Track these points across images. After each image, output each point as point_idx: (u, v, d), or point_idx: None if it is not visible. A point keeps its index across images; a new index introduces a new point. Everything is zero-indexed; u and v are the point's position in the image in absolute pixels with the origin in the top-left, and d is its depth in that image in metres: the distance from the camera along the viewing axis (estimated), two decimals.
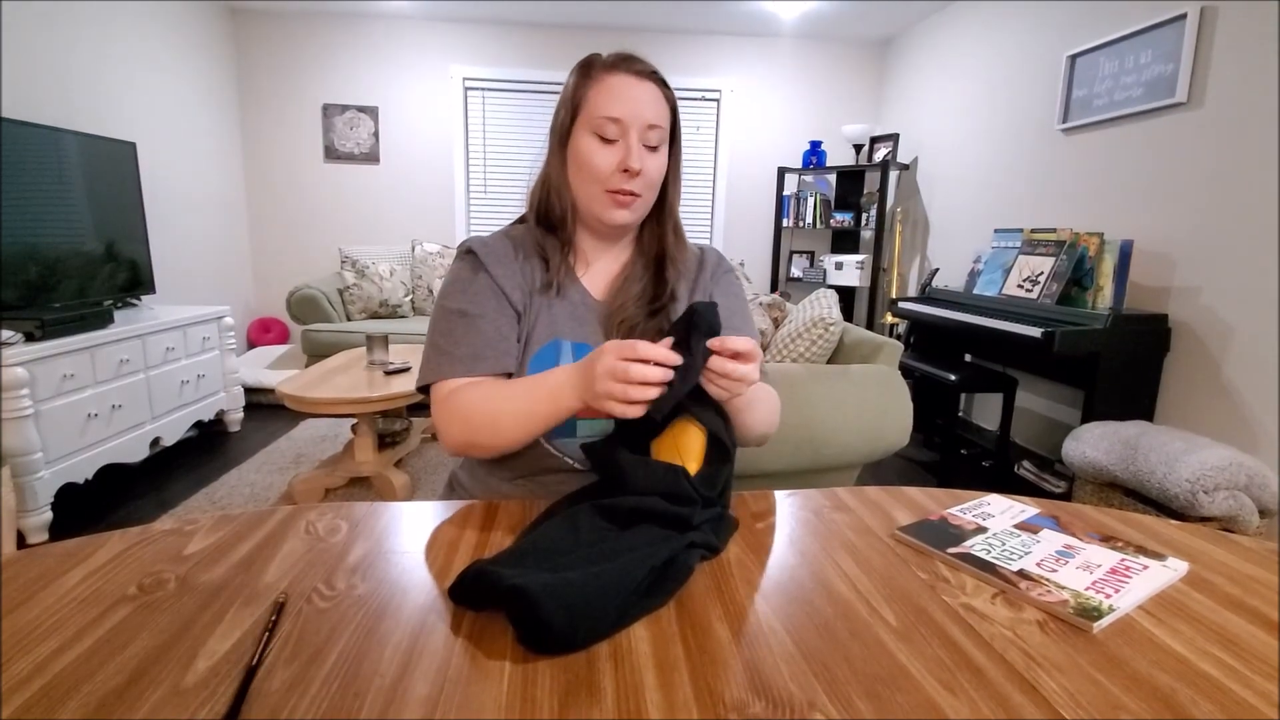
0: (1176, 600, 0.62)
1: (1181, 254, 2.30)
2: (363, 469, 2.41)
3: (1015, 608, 0.60)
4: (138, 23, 3.31)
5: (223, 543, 0.68)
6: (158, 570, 0.62)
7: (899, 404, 1.86)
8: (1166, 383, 2.35)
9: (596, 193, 0.85)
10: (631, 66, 0.84)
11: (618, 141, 0.83)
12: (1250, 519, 1.85)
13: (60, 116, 2.78)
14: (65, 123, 2.78)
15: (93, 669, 0.48)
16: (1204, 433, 2.16)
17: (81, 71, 2.95)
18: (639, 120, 0.83)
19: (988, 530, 0.74)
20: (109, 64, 3.12)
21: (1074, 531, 0.74)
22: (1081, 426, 2.23)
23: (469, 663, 0.50)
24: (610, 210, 0.86)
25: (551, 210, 0.90)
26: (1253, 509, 1.85)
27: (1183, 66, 2.27)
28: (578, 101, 0.85)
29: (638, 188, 0.84)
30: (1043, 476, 2.59)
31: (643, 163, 0.83)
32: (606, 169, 0.83)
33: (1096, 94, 2.66)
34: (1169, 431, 2.05)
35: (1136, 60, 2.48)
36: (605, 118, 0.82)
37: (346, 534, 0.70)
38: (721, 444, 0.74)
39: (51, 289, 2.42)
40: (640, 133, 0.83)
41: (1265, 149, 2.03)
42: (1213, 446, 1.91)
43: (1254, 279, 2.06)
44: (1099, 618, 0.57)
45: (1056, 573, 0.65)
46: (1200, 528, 0.79)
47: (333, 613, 0.56)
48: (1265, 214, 2.02)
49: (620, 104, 0.82)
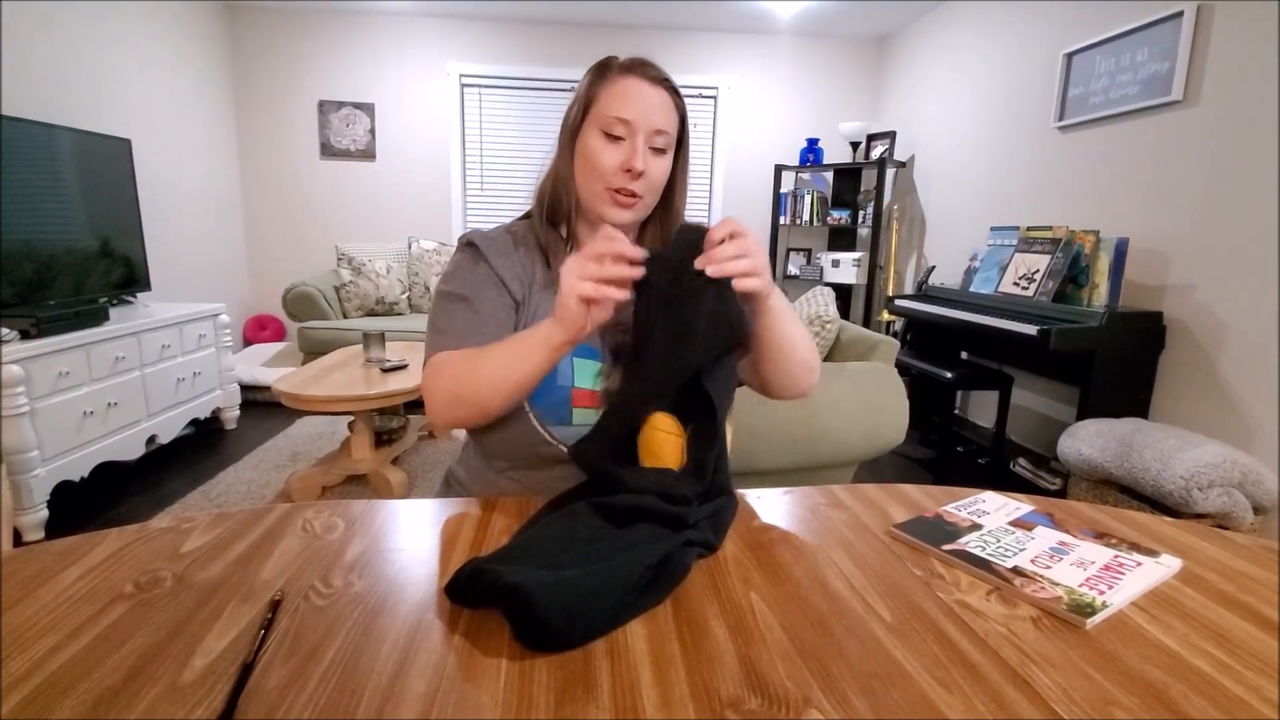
0: (1169, 597, 0.63)
1: (1176, 252, 2.31)
2: (359, 466, 2.41)
3: (1010, 604, 0.60)
4: (134, 20, 3.29)
5: (219, 540, 0.68)
6: (155, 568, 0.62)
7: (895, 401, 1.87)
8: (1161, 380, 2.36)
9: (599, 190, 0.86)
10: (645, 72, 0.86)
11: (624, 141, 0.84)
12: (1245, 516, 1.86)
13: (56, 113, 2.77)
14: (61, 119, 2.76)
15: (90, 666, 0.48)
16: (1199, 430, 2.17)
17: (77, 68, 2.94)
18: (647, 123, 0.84)
19: (983, 527, 0.74)
20: (105, 60, 3.10)
21: (1068, 528, 0.75)
22: (1076, 424, 2.23)
23: (466, 660, 0.50)
24: (611, 209, 0.87)
25: (558, 203, 0.91)
26: (1247, 506, 1.86)
27: (1179, 65, 2.27)
28: (590, 100, 0.86)
29: (639, 189, 0.85)
30: (1038, 474, 2.60)
31: (646, 164, 0.84)
32: (611, 167, 0.84)
33: (1093, 92, 2.66)
34: (1163, 429, 2.06)
35: (1133, 58, 2.48)
36: (615, 117, 0.84)
37: (343, 531, 0.70)
38: (707, 428, 0.73)
39: (47, 286, 2.41)
40: (647, 136, 0.84)
41: (1261, 147, 2.03)
42: (1207, 444, 1.92)
43: (1249, 277, 2.07)
44: (1092, 614, 0.57)
45: (1050, 569, 0.65)
46: (1194, 524, 0.80)
47: (329, 610, 0.56)
48: (1261, 212, 2.03)
49: (630, 106, 0.83)
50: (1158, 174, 2.39)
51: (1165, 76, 2.34)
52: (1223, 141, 2.15)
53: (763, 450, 1.73)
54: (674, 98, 0.87)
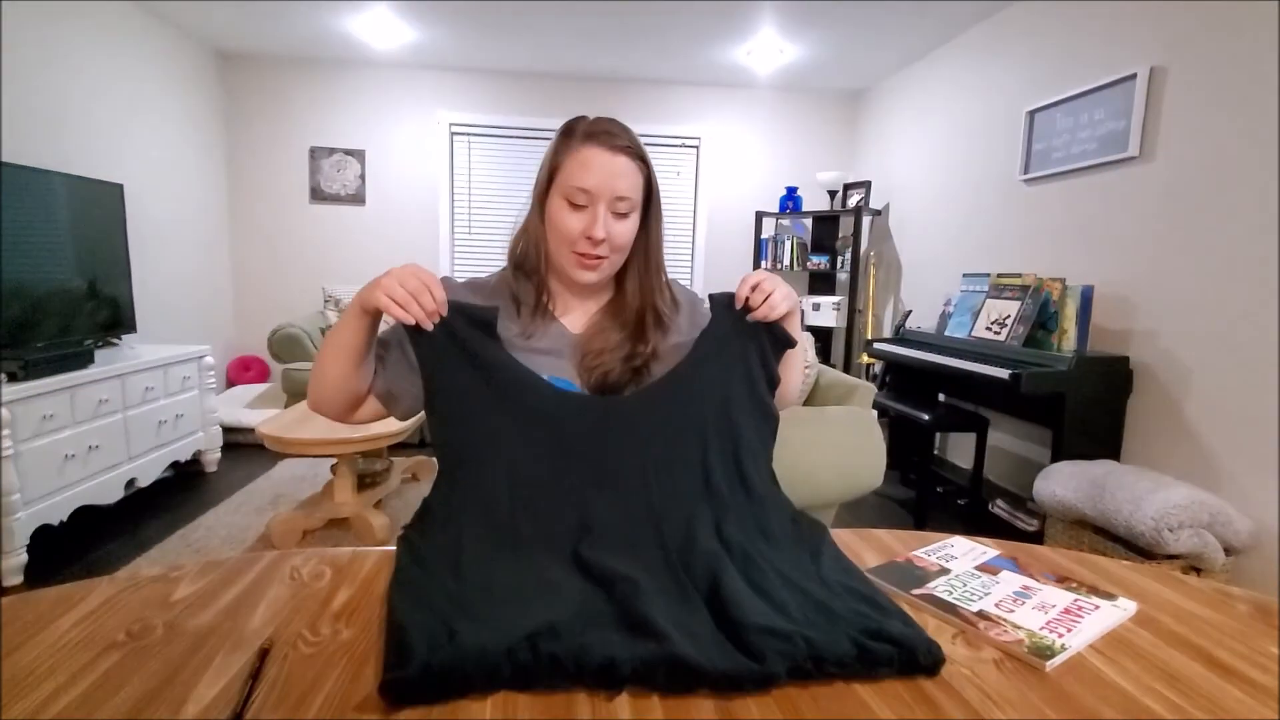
0: (1125, 639, 0.66)
1: (1140, 298, 2.41)
2: (342, 510, 2.39)
3: (974, 647, 0.63)
4: (129, 68, 3.37)
5: (208, 589, 0.69)
6: (146, 616, 0.63)
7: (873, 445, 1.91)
8: (1131, 423, 2.43)
9: (565, 252, 0.91)
10: (607, 141, 0.88)
11: (586, 209, 0.88)
12: (1215, 557, 1.90)
13: (50, 158, 2.80)
14: (55, 164, 2.80)
15: (88, 712, 0.49)
16: (1169, 472, 2.23)
17: (72, 114, 2.99)
18: (609, 191, 0.88)
19: (951, 572, 0.77)
20: (100, 107, 3.16)
21: (1031, 572, 0.78)
22: (1051, 465, 2.28)
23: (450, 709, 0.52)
24: (576, 270, 0.92)
25: (528, 257, 0.96)
26: (1217, 547, 1.90)
27: (1134, 123, 2.41)
28: (554, 166, 0.90)
29: (603, 251, 0.90)
30: (1015, 515, 2.64)
31: (608, 230, 0.88)
32: (573, 234, 0.89)
33: (1055, 147, 2.80)
34: (1135, 471, 2.11)
35: (1091, 117, 2.62)
36: (576, 187, 0.87)
37: (331, 579, 0.72)
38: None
39: (34, 326, 2.41)
40: (609, 203, 0.88)
41: (1212, 201, 2.15)
42: (1176, 485, 1.97)
43: (1208, 322, 2.16)
44: (1051, 656, 0.60)
45: (1014, 613, 0.68)
46: (1152, 568, 0.83)
47: (318, 658, 0.57)
48: (1214, 261, 2.13)
49: (591, 175, 0.87)
50: (1118, 225, 2.50)
51: (1121, 134, 2.47)
52: (1177, 195, 2.27)
53: None
54: (637, 162, 0.90)
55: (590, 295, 0.99)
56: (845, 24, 3.41)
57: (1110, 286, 2.52)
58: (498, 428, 0.79)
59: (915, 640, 0.59)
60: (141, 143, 3.48)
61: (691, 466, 0.81)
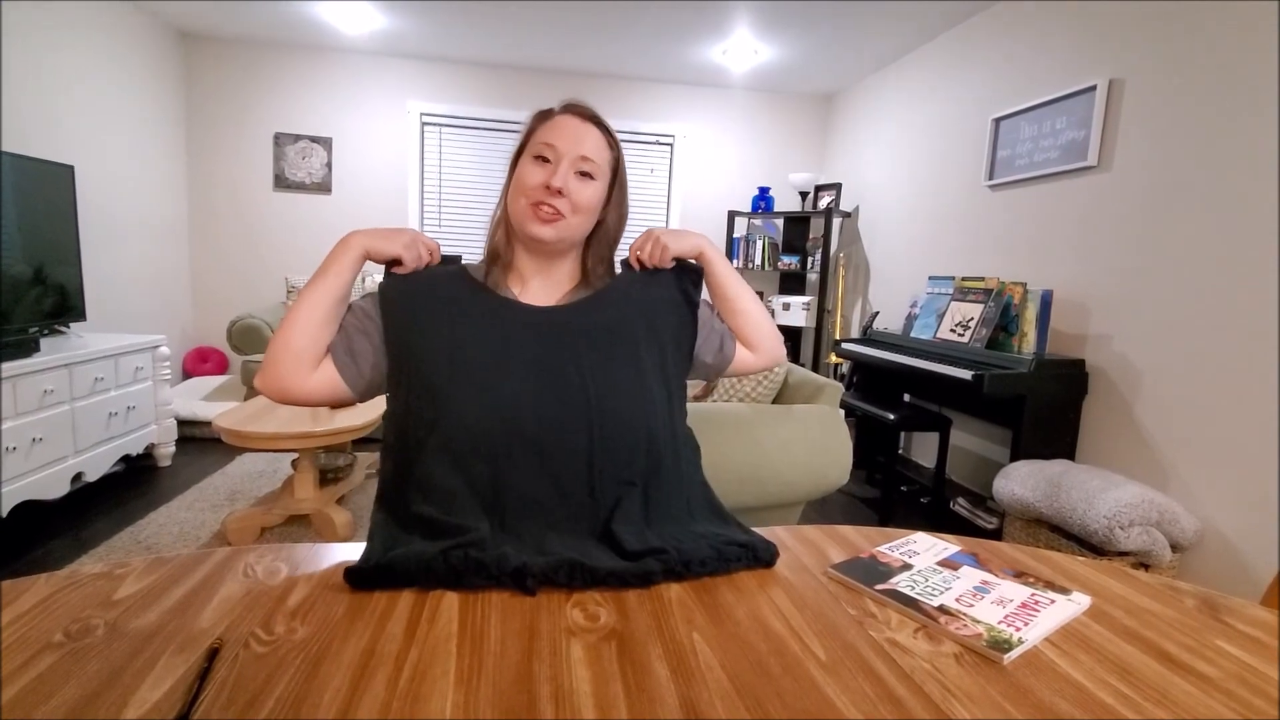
0: (1079, 632, 0.67)
1: (1096, 303, 2.48)
2: (302, 506, 2.33)
3: (935, 641, 0.64)
4: (84, 44, 3.23)
5: (155, 586, 0.66)
6: (86, 616, 0.60)
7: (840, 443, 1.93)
8: (1086, 423, 2.50)
9: (524, 205, 0.91)
10: (578, 110, 0.93)
11: (550, 164, 0.90)
12: (1163, 554, 1.97)
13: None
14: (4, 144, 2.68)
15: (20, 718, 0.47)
16: (1120, 471, 2.30)
17: (19, 92, 2.85)
18: (574, 149, 0.90)
19: (913, 567, 0.78)
20: (50, 85, 3.03)
21: (991, 568, 0.79)
22: (1010, 465, 2.34)
23: (410, 706, 0.50)
24: (531, 222, 0.90)
25: (498, 244, 0.96)
26: (1165, 544, 1.97)
27: (1093, 133, 2.48)
28: (527, 137, 0.94)
29: (562, 207, 0.89)
30: (976, 513, 2.70)
31: (567, 184, 0.89)
32: (534, 184, 0.89)
33: (1018, 155, 2.87)
34: (1089, 470, 2.18)
35: (1053, 125, 2.69)
36: (543, 143, 0.90)
37: (287, 576, 0.70)
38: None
39: None
40: (572, 161, 0.89)
41: (1166, 209, 2.22)
42: (1127, 484, 2.03)
43: (1159, 327, 2.23)
44: (1009, 650, 0.61)
45: (974, 607, 0.69)
46: (1105, 564, 0.86)
47: (270, 658, 0.55)
48: (1165, 268, 2.21)
49: (558, 135, 0.90)
50: (1078, 231, 2.58)
51: (1081, 144, 2.54)
52: (1133, 204, 2.34)
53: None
54: (606, 136, 0.94)
55: (550, 263, 0.96)
56: (819, 27, 3.45)
57: (1068, 291, 2.59)
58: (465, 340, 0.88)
59: (756, 542, 0.78)
60: (95, 123, 3.34)
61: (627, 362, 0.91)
